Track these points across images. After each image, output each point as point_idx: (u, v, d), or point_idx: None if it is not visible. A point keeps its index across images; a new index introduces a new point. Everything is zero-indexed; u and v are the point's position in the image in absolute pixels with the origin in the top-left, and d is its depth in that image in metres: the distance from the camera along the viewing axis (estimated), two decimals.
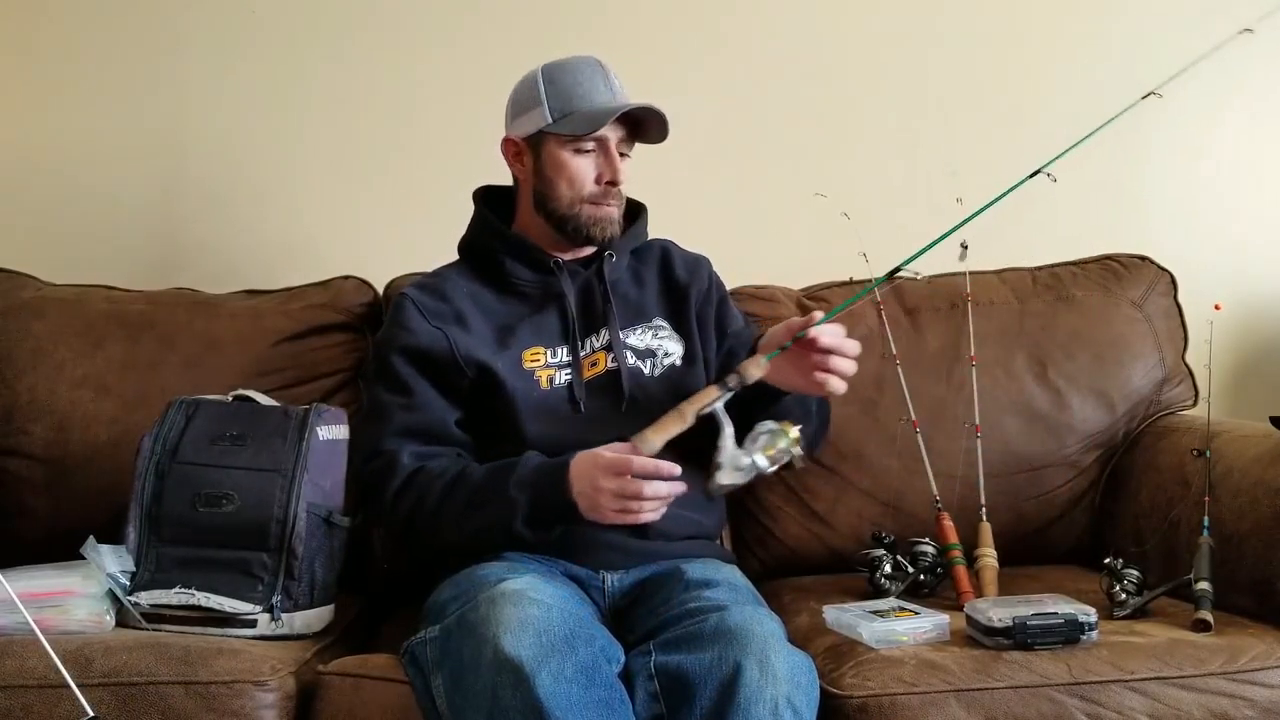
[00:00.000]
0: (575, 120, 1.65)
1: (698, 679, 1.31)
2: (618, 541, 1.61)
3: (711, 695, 1.29)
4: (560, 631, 1.29)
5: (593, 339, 1.72)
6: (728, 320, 1.83)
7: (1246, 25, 1.47)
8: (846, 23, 2.40)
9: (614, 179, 1.68)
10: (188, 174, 2.37)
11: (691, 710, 1.30)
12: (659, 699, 1.33)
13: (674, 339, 1.76)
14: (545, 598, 1.34)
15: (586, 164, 1.68)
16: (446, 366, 1.66)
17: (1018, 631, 1.46)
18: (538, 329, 1.71)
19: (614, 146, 1.68)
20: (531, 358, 1.69)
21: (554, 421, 1.64)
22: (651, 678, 1.35)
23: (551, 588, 1.41)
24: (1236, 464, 1.73)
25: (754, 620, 1.37)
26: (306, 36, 2.37)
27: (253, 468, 1.63)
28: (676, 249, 1.87)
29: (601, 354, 1.71)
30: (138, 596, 1.57)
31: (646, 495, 1.44)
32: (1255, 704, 1.42)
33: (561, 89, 1.67)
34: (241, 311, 2.08)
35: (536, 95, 1.69)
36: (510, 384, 1.65)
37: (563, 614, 1.32)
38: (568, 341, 1.71)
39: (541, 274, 1.73)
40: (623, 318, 1.74)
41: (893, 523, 1.91)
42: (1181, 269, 2.12)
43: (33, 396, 1.97)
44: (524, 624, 1.29)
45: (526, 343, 1.69)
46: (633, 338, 1.73)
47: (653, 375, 1.72)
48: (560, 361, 1.69)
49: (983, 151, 2.38)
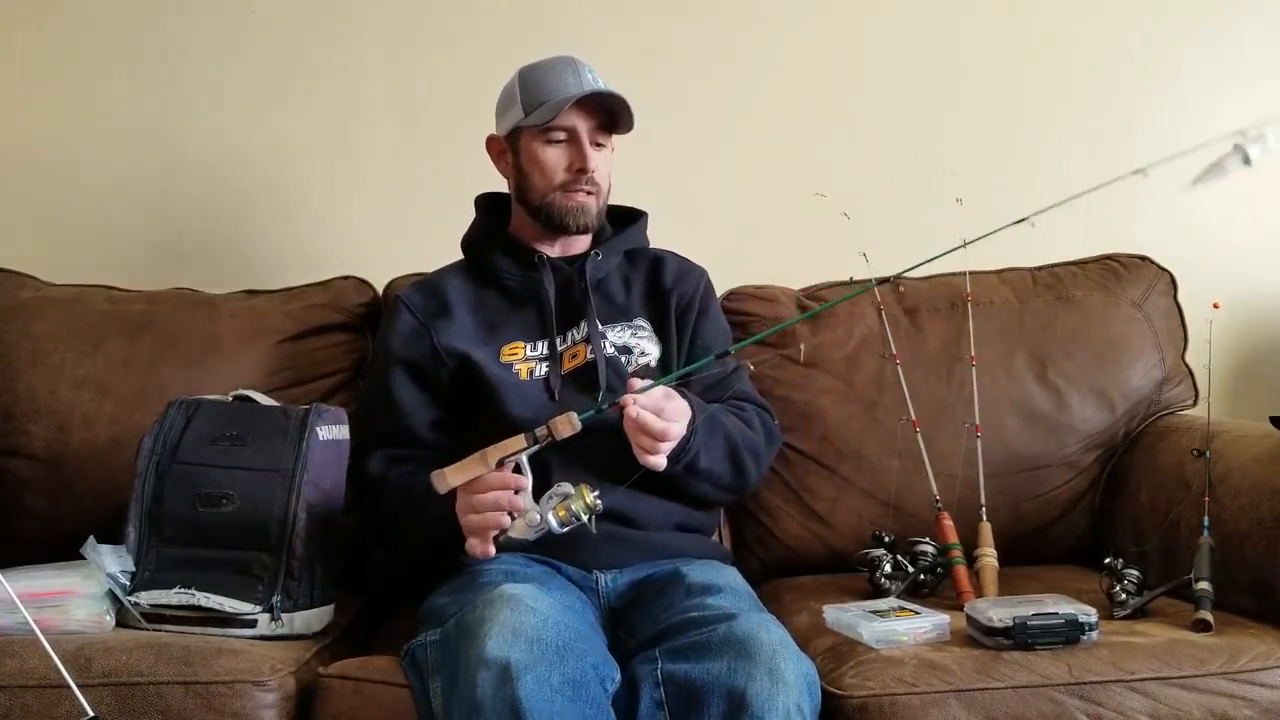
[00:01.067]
0: (542, 110, 1.70)
1: (707, 689, 1.30)
2: (607, 530, 1.60)
3: (721, 705, 1.28)
4: (553, 641, 1.29)
5: (573, 332, 1.76)
6: (699, 334, 1.81)
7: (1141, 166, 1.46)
8: (846, 23, 2.40)
9: (583, 166, 1.72)
10: (188, 174, 2.37)
11: (703, 714, 1.29)
12: (664, 707, 1.32)
13: (653, 340, 1.78)
14: (542, 606, 1.34)
15: (557, 154, 1.73)
16: (428, 360, 1.72)
17: (1018, 631, 1.45)
18: (519, 324, 1.76)
19: (585, 136, 1.72)
20: (510, 352, 1.73)
21: (532, 411, 1.65)
22: (658, 685, 1.34)
23: (550, 597, 1.40)
24: (1236, 464, 1.73)
25: (762, 628, 1.36)
26: (306, 37, 2.37)
27: (253, 468, 1.63)
28: (674, 258, 1.87)
29: (581, 346, 1.74)
30: (138, 596, 1.57)
31: (489, 505, 1.45)
32: (1255, 704, 1.42)
33: (533, 85, 1.73)
34: (241, 311, 2.08)
35: (513, 94, 1.75)
36: (489, 372, 1.69)
37: (557, 625, 1.32)
38: (546, 335, 1.74)
39: (526, 269, 1.78)
40: (604, 314, 1.77)
41: (893, 523, 1.91)
42: (1181, 269, 2.12)
43: (33, 396, 1.96)
44: (517, 629, 1.29)
45: (507, 338, 1.74)
46: (612, 334, 1.76)
47: (628, 370, 1.73)
48: (540, 355, 1.73)
49: (983, 151, 2.38)
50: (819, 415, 2.01)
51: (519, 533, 1.43)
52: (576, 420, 1.41)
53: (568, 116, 1.70)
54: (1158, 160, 1.47)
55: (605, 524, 1.61)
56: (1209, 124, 2.36)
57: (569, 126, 1.71)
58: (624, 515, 1.64)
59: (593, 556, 1.61)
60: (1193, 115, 2.41)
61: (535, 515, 1.41)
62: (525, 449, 1.42)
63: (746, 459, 1.71)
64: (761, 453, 1.76)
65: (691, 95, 2.37)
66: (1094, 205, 2.38)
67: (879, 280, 1.65)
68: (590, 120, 1.72)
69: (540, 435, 1.41)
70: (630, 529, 1.65)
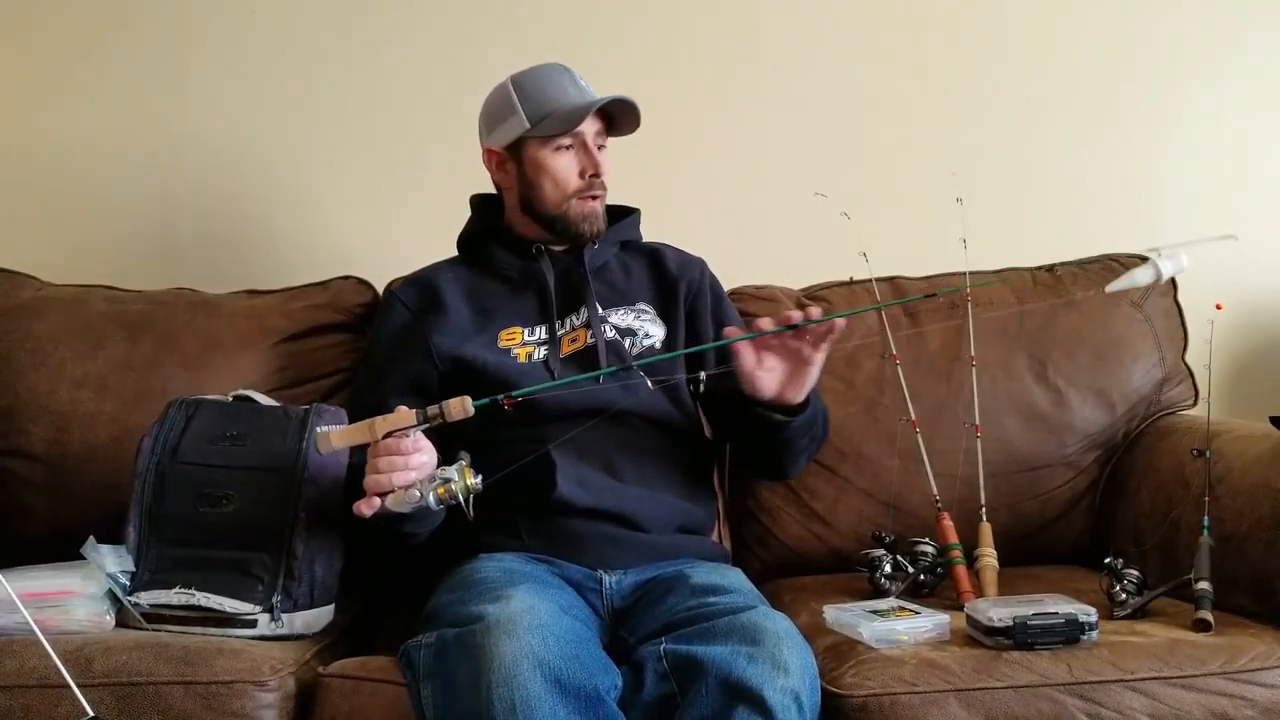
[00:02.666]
0: (553, 120, 1.70)
1: (709, 665, 1.32)
2: (610, 533, 1.62)
3: (722, 681, 1.30)
4: (557, 662, 1.29)
5: (572, 317, 1.76)
6: (725, 319, 1.83)
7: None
8: (846, 23, 2.40)
9: (596, 171, 1.73)
10: (188, 174, 2.37)
11: (703, 685, 1.30)
12: (669, 679, 1.34)
13: (657, 323, 1.79)
14: (543, 620, 1.34)
15: (568, 161, 1.73)
16: (419, 360, 1.72)
17: (1018, 631, 1.45)
18: (516, 310, 1.76)
19: (591, 140, 1.73)
20: (507, 337, 1.73)
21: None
22: (661, 659, 1.36)
23: (549, 607, 1.39)
24: (1236, 464, 1.72)
25: (768, 618, 1.38)
26: (306, 37, 2.37)
27: (253, 468, 1.63)
28: (671, 249, 1.89)
29: (581, 331, 1.74)
30: (138, 596, 1.57)
31: (382, 468, 1.42)
32: (1255, 704, 1.42)
33: (533, 94, 1.73)
34: (241, 311, 2.08)
35: (510, 104, 1.74)
36: (485, 360, 1.69)
37: (559, 640, 1.31)
38: (546, 320, 1.74)
39: (525, 259, 1.78)
40: (605, 299, 1.78)
41: (893, 523, 1.91)
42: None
43: (33, 396, 1.96)
44: (517, 659, 1.27)
45: (504, 323, 1.75)
46: (614, 317, 1.77)
47: (632, 352, 1.74)
48: (538, 339, 1.74)
49: (983, 151, 2.38)
50: None
51: (394, 503, 1.42)
52: (470, 404, 1.40)
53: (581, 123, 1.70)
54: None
55: (607, 526, 1.63)
56: (1210, 123, 2.40)
57: (577, 133, 1.72)
58: (626, 518, 1.64)
59: (597, 558, 1.61)
60: (1193, 115, 2.41)
61: (415, 492, 1.41)
62: (414, 426, 1.41)
63: (819, 437, 1.78)
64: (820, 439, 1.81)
65: (691, 95, 2.37)
66: (1094, 205, 2.40)
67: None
68: (595, 124, 1.73)
69: (431, 414, 1.40)
70: (634, 531, 1.65)
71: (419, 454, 1.43)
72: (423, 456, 1.44)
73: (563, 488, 1.62)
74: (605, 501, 1.64)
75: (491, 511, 1.60)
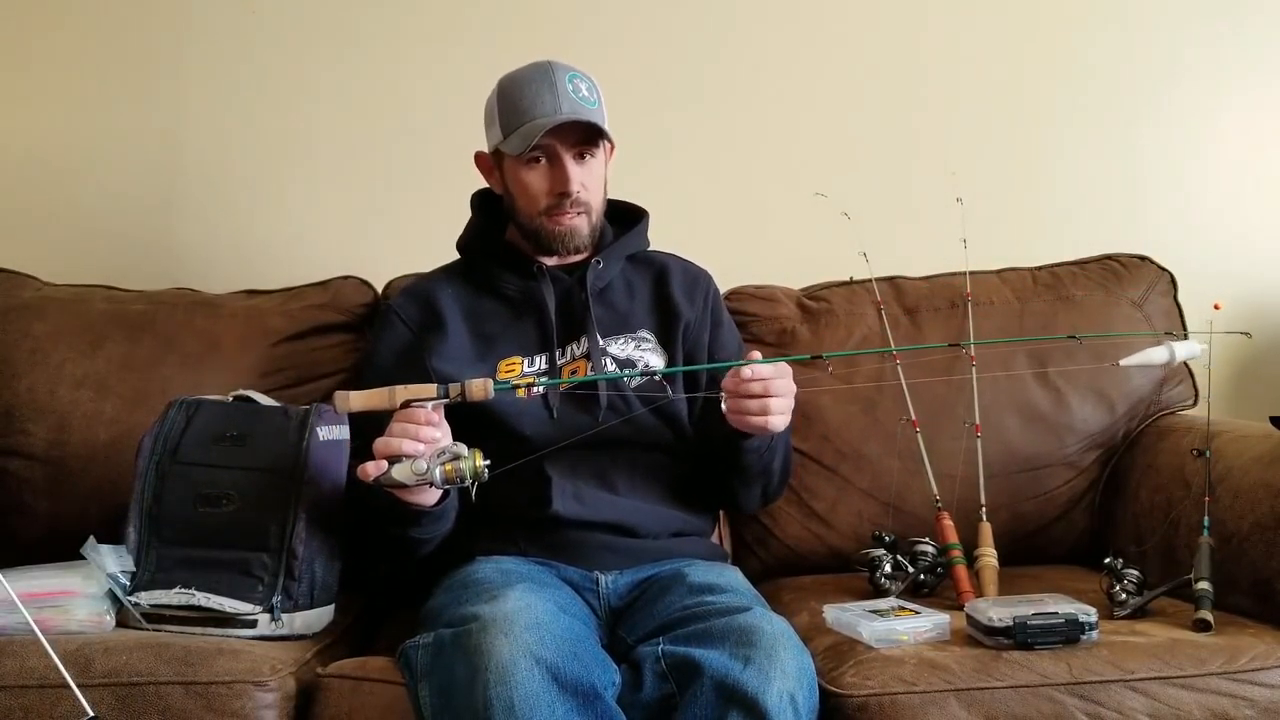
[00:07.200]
0: (517, 136, 1.64)
1: (706, 666, 1.32)
2: (607, 541, 1.62)
3: (718, 682, 1.30)
4: (554, 659, 1.29)
5: (573, 346, 1.72)
6: (718, 346, 1.81)
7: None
8: (846, 23, 2.40)
9: (564, 189, 1.65)
10: (188, 174, 2.37)
11: (699, 689, 1.30)
12: (668, 678, 1.34)
13: (657, 351, 1.76)
14: (539, 618, 1.33)
15: (538, 177, 1.66)
16: (416, 376, 1.64)
17: (1018, 631, 1.45)
18: (517, 338, 1.72)
19: (565, 155, 1.65)
20: (507, 368, 1.70)
21: (531, 425, 1.65)
22: (659, 660, 1.36)
23: (545, 605, 1.39)
24: (1236, 464, 1.72)
25: (765, 620, 1.38)
26: (306, 37, 2.37)
27: (253, 468, 1.63)
28: (679, 264, 1.85)
29: (581, 362, 1.71)
30: (138, 596, 1.57)
31: (396, 432, 1.43)
32: (1255, 704, 1.42)
33: (509, 104, 1.66)
34: (241, 311, 2.08)
35: (493, 112, 1.70)
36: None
37: (556, 638, 1.31)
38: (546, 349, 1.71)
39: (526, 279, 1.74)
40: (605, 326, 1.74)
41: (893, 523, 1.91)
42: (1181, 269, 2.12)
43: (33, 396, 1.96)
44: (514, 657, 1.27)
45: (504, 353, 1.71)
46: (614, 347, 1.73)
47: (630, 384, 1.71)
48: (538, 370, 1.70)
49: (983, 151, 2.38)
50: (819, 415, 2.01)
51: (399, 474, 1.42)
52: (491, 387, 1.41)
53: (544, 138, 1.62)
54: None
55: (604, 535, 1.63)
56: (1210, 123, 2.40)
57: (546, 145, 1.63)
58: (623, 526, 1.64)
59: (594, 562, 1.61)
60: (1194, 115, 2.41)
61: (422, 464, 1.41)
62: (433, 399, 1.42)
63: (780, 478, 1.79)
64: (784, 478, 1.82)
65: (692, 95, 2.37)
66: (1094, 205, 2.40)
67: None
68: (570, 137, 1.64)
69: (453, 392, 1.42)
70: (630, 539, 1.65)
71: (432, 428, 1.43)
72: (435, 431, 1.43)
73: (558, 503, 1.61)
74: (602, 514, 1.64)
75: (489, 524, 1.60)
